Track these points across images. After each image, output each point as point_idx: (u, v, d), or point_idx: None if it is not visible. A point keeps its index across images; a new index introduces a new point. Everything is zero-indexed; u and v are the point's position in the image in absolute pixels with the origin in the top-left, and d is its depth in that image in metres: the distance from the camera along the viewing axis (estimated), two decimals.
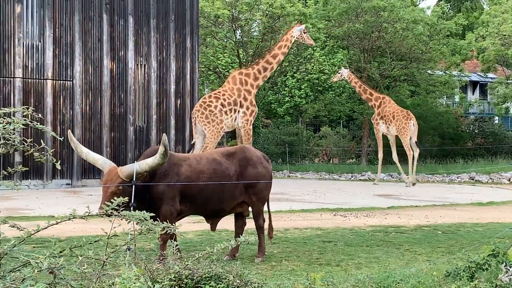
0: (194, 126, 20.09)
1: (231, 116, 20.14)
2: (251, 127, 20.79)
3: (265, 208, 10.32)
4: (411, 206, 18.67)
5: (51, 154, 4.63)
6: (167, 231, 4.76)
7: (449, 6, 55.52)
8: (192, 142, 20.48)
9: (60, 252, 3.80)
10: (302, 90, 37.87)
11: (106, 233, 4.42)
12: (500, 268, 7.59)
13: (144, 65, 25.84)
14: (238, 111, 20.24)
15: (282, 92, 38.93)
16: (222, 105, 19.88)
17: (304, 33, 21.62)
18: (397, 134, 27.01)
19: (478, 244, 10.78)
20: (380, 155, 28.06)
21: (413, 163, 26.68)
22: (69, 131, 10.17)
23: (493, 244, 7.88)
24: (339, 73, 27.15)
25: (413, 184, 26.13)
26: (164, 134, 8.89)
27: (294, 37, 21.35)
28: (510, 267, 7.53)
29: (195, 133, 20.20)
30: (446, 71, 39.54)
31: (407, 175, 26.97)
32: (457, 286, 6.79)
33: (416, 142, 26.86)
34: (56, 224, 4.09)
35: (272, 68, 21.21)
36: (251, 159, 10.01)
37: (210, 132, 19.65)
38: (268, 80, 36.52)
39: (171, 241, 7.43)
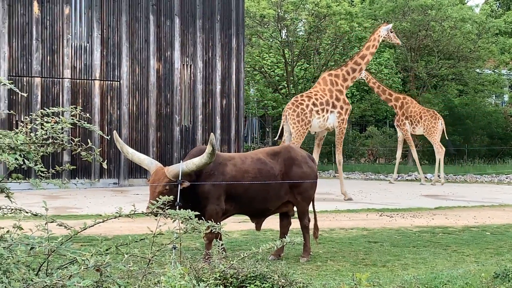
0: (285, 124, 20.04)
1: (323, 116, 20.02)
2: (346, 125, 20.86)
3: (310, 208, 10.30)
4: (459, 206, 18.44)
5: (98, 153, 4.68)
6: (212, 230, 4.77)
7: (498, 4, 54.51)
8: (282, 140, 20.42)
9: (107, 250, 3.84)
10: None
11: (152, 231, 4.45)
12: None
13: (190, 65, 26.01)
14: (332, 111, 20.15)
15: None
16: (314, 104, 19.79)
17: (391, 32, 21.48)
18: (424, 134, 26.86)
19: None
20: (415, 154, 27.87)
21: (439, 163, 26.87)
22: (115, 131, 10.28)
23: None
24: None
25: (442, 183, 26.05)
26: (212, 133, 8.95)
27: (381, 36, 21.15)
28: None
29: (285, 131, 20.15)
30: (495, 70, 38.93)
31: (438, 175, 26.84)
32: None
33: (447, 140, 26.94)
34: (103, 222, 4.14)
35: (361, 69, 20.94)
36: (296, 159, 9.99)
37: (297, 131, 19.61)
38: (313, 80, 36.44)
39: (217, 240, 7.47)
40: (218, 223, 6.53)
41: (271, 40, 36.03)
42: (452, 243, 11.76)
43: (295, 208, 10.21)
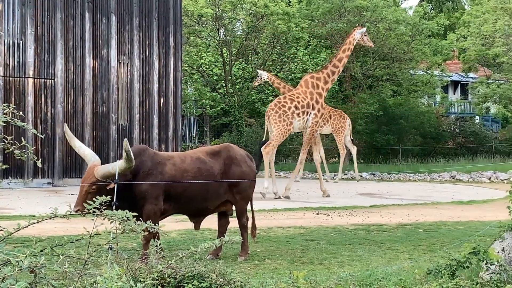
0: (268, 124, 20.61)
1: (303, 118, 20.60)
2: (318, 128, 21.48)
3: (249, 207, 10.31)
4: (393, 204, 18.74)
5: (32, 152, 4.57)
6: (150, 230, 4.72)
7: (430, 7, 55.81)
8: (264, 140, 20.90)
9: (41, 251, 3.76)
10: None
11: (88, 232, 4.37)
12: (481, 266, 7.62)
13: (127, 63, 25.73)
14: (310, 113, 20.65)
15: (266, 92, 38.91)
16: (296, 107, 20.40)
17: (365, 35, 22.00)
18: (332, 133, 27.33)
19: (459, 242, 10.82)
20: (322, 153, 28.29)
21: (342, 162, 28.01)
22: (66, 124, 10.28)
23: (474, 242, 7.91)
24: (258, 76, 26.59)
25: (358, 180, 27.12)
26: (125, 139, 8.91)
27: (356, 39, 21.67)
28: (490, 265, 7.56)
29: (269, 132, 20.71)
30: (428, 71, 39.70)
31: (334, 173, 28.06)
32: (438, 284, 6.80)
33: (351, 140, 27.58)
34: (37, 223, 4.04)
35: (339, 71, 21.53)
36: (236, 158, 10.00)
37: (278, 130, 20.17)
38: (251, 79, 36.53)
39: (154, 240, 7.40)
40: (156, 223, 6.48)
41: (209, 39, 35.95)
42: (387, 241, 11.94)
43: (233, 207, 10.21)
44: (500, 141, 41.98)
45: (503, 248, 7.97)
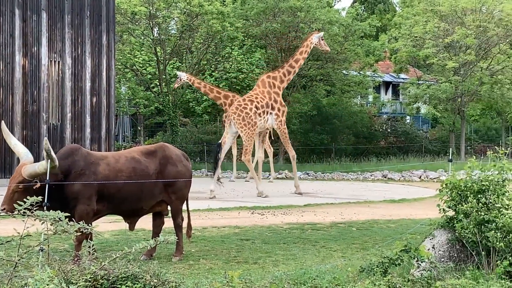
0: (228, 127, 21.03)
1: (264, 118, 21.26)
2: (285, 126, 21.99)
3: (184, 207, 10.28)
4: (327, 203, 18.90)
5: None
6: (82, 231, 4.66)
7: (363, 8, 56.62)
8: (220, 142, 21.21)
9: None
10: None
11: (18, 233, 4.28)
12: (412, 263, 7.78)
13: (58, 61, 25.28)
14: (270, 113, 21.28)
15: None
16: (256, 107, 20.97)
17: (322, 40, 22.82)
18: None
19: (391, 240, 11.01)
20: (235, 151, 28.62)
21: (272, 161, 28.37)
22: (3, 121, 10.06)
23: (405, 240, 8.06)
24: (178, 77, 26.79)
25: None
26: (45, 138, 8.83)
27: (313, 43, 22.43)
28: (421, 262, 7.73)
29: (226, 133, 21.11)
30: (360, 72, 40.24)
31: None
32: (371, 282, 6.90)
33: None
34: None
35: (294, 72, 22.33)
36: (171, 158, 9.96)
37: (246, 134, 20.76)
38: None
39: (87, 241, 7.30)
40: (89, 224, 6.39)
41: (142, 37, 35.62)
42: (321, 239, 12.05)
43: (169, 207, 10.16)
44: (430, 140, 42.95)
45: (433, 245, 8.14)
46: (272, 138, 27.37)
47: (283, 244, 11.42)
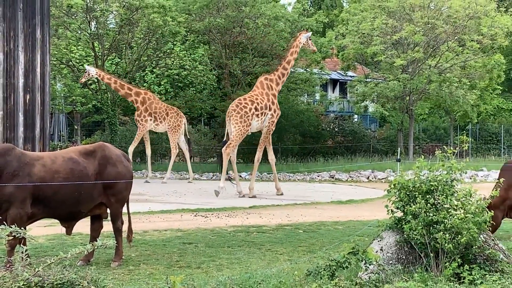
0: (228, 123, 21.91)
1: (261, 119, 22.14)
2: (274, 127, 23.17)
3: (125, 209, 10.20)
4: (273, 205, 19.01)
5: None
6: (15, 235, 4.57)
7: (309, 3, 56.97)
8: (225, 140, 21.91)
9: None
10: (162, 86, 37.63)
11: None
12: (360, 266, 7.87)
13: None
14: (266, 114, 22.16)
15: (141, 87, 38.57)
16: (256, 108, 21.96)
17: (309, 39, 24.00)
18: (167, 131, 27.72)
19: (338, 242, 11.12)
20: (149, 151, 28.77)
21: (172, 162, 28.70)
22: None
23: (353, 242, 8.17)
24: (86, 72, 26.48)
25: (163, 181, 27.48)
26: None
27: (301, 43, 23.51)
28: (369, 264, 7.82)
29: (230, 132, 21.81)
30: (307, 69, 40.44)
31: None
32: (318, 285, 6.96)
33: (189, 139, 28.36)
34: None
35: (287, 73, 23.64)
36: (111, 158, 9.87)
37: (237, 131, 21.61)
38: (125, 75, 36.07)
39: (20, 246, 7.17)
40: (22, 228, 6.28)
41: (79, 32, 35.12)
42: (266, 242, 12.11)
43: (108, 210, 10.07)
44: (378, 140, 43.45)
45: (382, 247, 8.25)
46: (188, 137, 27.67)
47: (227, 248, 11.44)
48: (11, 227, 4.48)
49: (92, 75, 25.78)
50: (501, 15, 35.30)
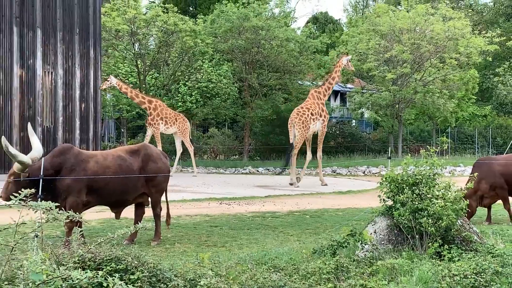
0: (291, 129, 22.43)
1: (315, 123, 22.90)
2: (326, 130, 23.98)
3: (163, 198, 10.22)
4: (285, 195, 18.97)
5: None
6: (71, 219, 4.59)
7: (315, 27, 56.82)
8: (291, 142, 22.47)
9: None
10: (193, 96, 37.66)
11: (14, 221, 4.19)
12: (357, 245, 7.83)
13: (51, 72, 24.93)
14: (318, 119, 22.80)
15: (176, 98, 38.56)
16: (312, 114, 22.62)
17: (349, 62, 24.87)
18: (177, 133, 27.20)
19: (339, 226, 11.08)
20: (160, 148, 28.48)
21: (193, 157, 28.29)
22: (29, 123, 10.29)
23: (351, 226, 8.12)
24: (108, 80, 25.63)
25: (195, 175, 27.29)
26: (3, 137, 8.90)
27: (343, 64, 24.15)
28: (365, 244, 7.79)
29: (292, 135, 22.45)
30: (313, 82, 40.29)
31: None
32: (322, 261, 6.93)
33: (191, 139, 27.82)
34: None
35: (332, 87, 24.16)
36: (152, 156, 9.90)
37: (300, 134, 22.27)
38: (163, 87, 36.14)
39: (76, 228, 7.19)
40: (78, 213, 6.31)
41: (125, 52, 35.28)
42: (279, 226, 12.09)
43: (149, 199, 10.10)
44: (372, 141, 43.27)
45: (375, 230, 8.21)
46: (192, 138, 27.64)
47: (247, 230, 11.43)
48: (68, 212, 4.49)
49: (112, 84, 25.35)
50: (475, 37, 35.13)
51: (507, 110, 46.63)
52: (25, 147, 23.47)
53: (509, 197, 12.74)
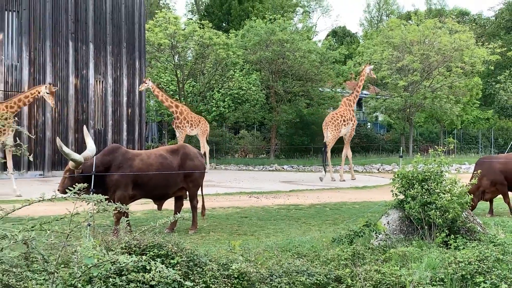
0: (326, 130, 22.67)
1: (346, 127, 23.21)
2: (354, 133, 24.17)
3: (199, 192, 10.26)
4: (307, 189, 18.90)
5: (26, 149, 4.43)
6: (119, 210, 4.64)
7: (334, 40, 56.54)
8: (324, 141, 22.66)
9: (32, 227, 3.64)
10: (226, 102, 37.85)
11: (70, 212, 4.25)
12: (372, 235, 7.78)
13: (102, 81, 25.26)
14: (349, 123, 23.24)
15: (210, 103, 38.78)
16: (344, 120, 23.05)
17: (372, 71, 24.95)
18: (198, 135, 26.76)
19: (355, 217, 11.01)
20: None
21: (208, 156, 27.75)
22: (85, 126, 10.40)
23: (367, 217, 8.07)
24: (145, 82, 24.75)
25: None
26: (58, 137, 9.03)
27: (367, 73, 24.31)
28: (379, 234, 7.73)
29: (326, 136, 22.67)
30: (332, 89, 40.20)
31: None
32: (340, 249, 6.89)
33: (207, 140, 27.47)
34: (29, 205, 3.91)
35: (358, 95, 24.45)
36: (190, 155, 9.94)
37: (333, 136, 22.58)
38: (199, 94, 36.29)
39: (123, 218, 7.27)
40: (125, 205, 6.38)
41: (166, 63, 35.54)
42: (302, 217, 12.05)
43: (187, 193, 10.15)
44: (386, 141, 42.91)
45: (388, 221, 8.15)
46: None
47: (273, 220, 11.42)
48: (117, 204, 4.54)
49: (148, 86, 24.95)
50: (479, 48, 34.67)
51: (507, 114, 45.87)
52: (79, 147, 23.83)
53: (509, 192, 12.54)
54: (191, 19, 50.55)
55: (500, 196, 12.64)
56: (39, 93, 16.60)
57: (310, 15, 64.39)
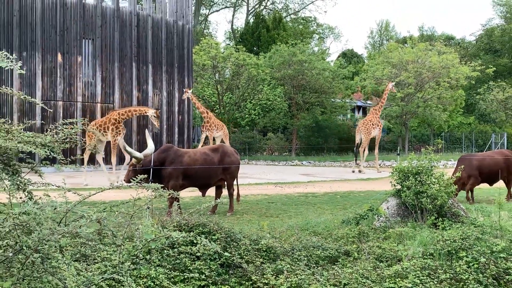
0: (358, 133, 23.01)
1: (374, 130, 23.36)
2: (380, 135, 24.24)
3: (235, 182, 10.30)
4: (322, 180, 18.81)
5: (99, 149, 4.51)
6: (172, 196, 4.69)
7: (344, 60, 56.06)
8: (357, 143, 23.09)
9: (104, 209, 3.70)
10: (256, 110, 37.88)
11: (133, 197, 4.32)
12: (374, 218, 7.70)
13: (158, 94, 25.55)
14: (376, 128, 23.44)
15: (244, 112, 38.86)
16: (373, 124, 23.31)
17: (393, 87, 24.97)
18: (222, 137, 25.66)
19: (361, 203, 10.91)
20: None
21: None
22: (147, 130, 10.72)
23: (370, 203, 7.98)
24: (187, 92, 23.53)
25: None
26: (121, 139, 9.18)
27: (389, 88, 24.35)
28: (380, 217, 7.64)
29: (358, 137, 23.04)
30: (342, 99, 39.89)
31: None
32: (348, 229, 6.85)
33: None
34: (102, 192, 3.99)
35: (383, 106, 24.49)
36: (227, 152, 10.00)
37: (366, 137, 22.92)
38: (235, 104, 36.38)
39: (175, 203, 7.34)
40: (177, 192, 6.45)
41: (209, 79, 35.77)
42: (317, 203, 12.00)
43: (225, 183, 10.19)
44: (386, 142, 42.39)
45: (388, 207, 8.05)
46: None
47: (294, 206, 11.40)
48: (170, 192, 4.59)
49: (188, 95, 24.63)
50: (462, 66, 34.07)
51: (486, 120, 44.84)
52: (140, 146, 24.18)
53: (484, 183, 12.29)
54: (229, 44, 50.76)
55: (479, 186, 12.36)
56: (145, 113, 16.60)
57: (324, 40, 63.93)
